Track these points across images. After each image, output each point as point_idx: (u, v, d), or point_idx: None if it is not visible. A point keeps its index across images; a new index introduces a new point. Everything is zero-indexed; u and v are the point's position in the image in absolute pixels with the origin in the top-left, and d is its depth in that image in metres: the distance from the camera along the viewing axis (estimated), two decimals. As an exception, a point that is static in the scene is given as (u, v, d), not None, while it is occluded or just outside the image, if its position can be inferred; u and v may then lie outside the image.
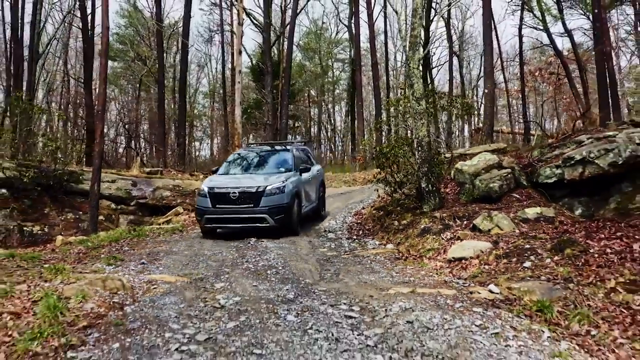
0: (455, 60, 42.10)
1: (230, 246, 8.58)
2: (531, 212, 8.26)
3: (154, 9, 31.26)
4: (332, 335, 4.34)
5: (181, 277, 6.19)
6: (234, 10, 32.44)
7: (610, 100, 14.60)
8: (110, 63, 35.12)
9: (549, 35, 30.71)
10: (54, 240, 11.33)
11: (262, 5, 29.57)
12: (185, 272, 6.47)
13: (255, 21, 28.57)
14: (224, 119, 37.73)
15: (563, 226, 7.86)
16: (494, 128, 17.70)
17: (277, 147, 11.69)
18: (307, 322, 4.63)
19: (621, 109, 15.96)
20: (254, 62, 32.38)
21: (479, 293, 5.71)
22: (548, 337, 4.66)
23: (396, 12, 10.01)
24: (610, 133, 8.96)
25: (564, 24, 29.80)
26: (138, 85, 26.38)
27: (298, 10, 28.33)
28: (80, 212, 13.19)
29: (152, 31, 35.03)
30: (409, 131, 11.33)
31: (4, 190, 13.01)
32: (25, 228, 12.77)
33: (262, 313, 4.86)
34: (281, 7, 35.00)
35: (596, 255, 6.55)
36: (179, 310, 4.92)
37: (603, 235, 7.25)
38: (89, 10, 21.87)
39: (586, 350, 4.49)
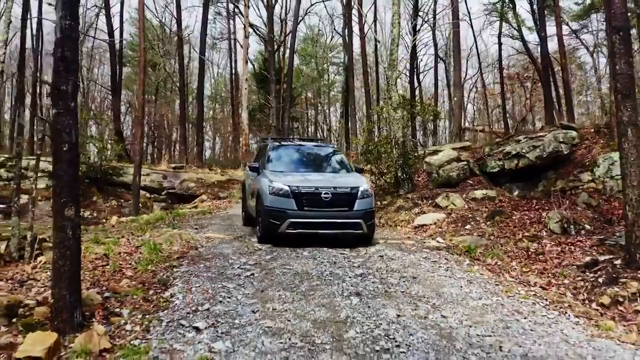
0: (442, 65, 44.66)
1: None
2: (479, 193, 10.83)
3: (163, 18, 33.66)
4: (332, 260, 6.89)
5: (227, 235, 8.71)
6: (237, 20, 34.90)
7: (557, 106, 17.07)
8: (124, 69, 37.47)
9: (524, 43, 33.32)
10: (104, 222, 13.79)
11: (262, 16, 32.07)
12: (228, 233, 8.99)
13: (258, 32, 31.01)
14: (226, 120, 40.23)
15: (500, 203, 10.45)
16: (464, 128, 20.20)
17: (317, 144, 10.38)
18: (315, 256, 7.16)
19: (574, 110, 18.46)
20: (256, 68, 34.79)
21: (430, 243, 8.28)
22: (467, 263, 7.24)
23: (377, 41, 12.50)
24: (541, 134, 11.54)
25: (538, 34, 32.42)
26: (155, 90, 28.72)
27: (298, 20, 30.77)
28: (122, 200, 15.64)
29: (161, 39, 37.39)
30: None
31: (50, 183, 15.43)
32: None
33: (287, 252, 7.40)
34: (280, 17, 37.48)
35: (515, 220, 9.14)
36: (233, 250, 7.46)
37: (525, 208, 9.84)
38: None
39: (490, 270, 7.06)
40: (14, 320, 5.39)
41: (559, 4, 19.31)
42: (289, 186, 7.65)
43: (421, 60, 44.77)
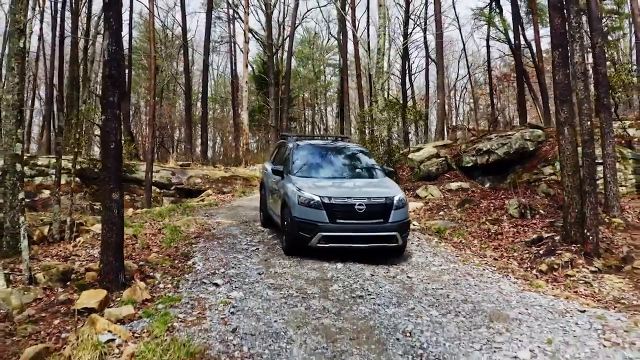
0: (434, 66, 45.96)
1: (256, 206, 12.37)
2: (454, 185, 12.15)
3: (165, 21, 34.88)
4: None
5: (234, 221, 10.00)
6: (237, 24, 36.11)
7: (537, 106, 18.41)
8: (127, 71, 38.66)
9: (511, 46, 34.65)
10: (120, 214, 15.03)
11: (261, 20, 33.31)
12: (235, 219, 10.28)
13: (257, 37, 32.25)
14: (226, 120, 41.51)
15: (472, 193, 11.76)
16: (454, 127, 21.55)
17: (343, 143, 9.46)
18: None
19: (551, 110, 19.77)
20: (256, 71, 36.05)
21: (407, 226, 9.57)
22: (436, 241, 8.55)
23: (366, 50, 13.78)
24: (510, 133, 12.86)
25: (524, 37, 33.76)
26: (161, 92, 29.92)
27: (295, 25, 32.01)
28: (135, 195, 16.92)
29: (164, 42, 38.61)
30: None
31: (77, 179, 16.71)
32: (94, 206, 16.48)
33: (285, 233, 8.68)
34: (278, 21, 38.72)
35: (482, 207, 10.46)
36: (241, 232, 8.76)
37: (492, 197, 11.16)
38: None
39: (454, 247, 8.37)
40: (68, 283, 6.70)
41: (536, 12, 20.62)
42: (319, 197, 6.95)
43: (413, 62, 46.12)
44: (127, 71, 24.54)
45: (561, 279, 6.97)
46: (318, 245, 6.89)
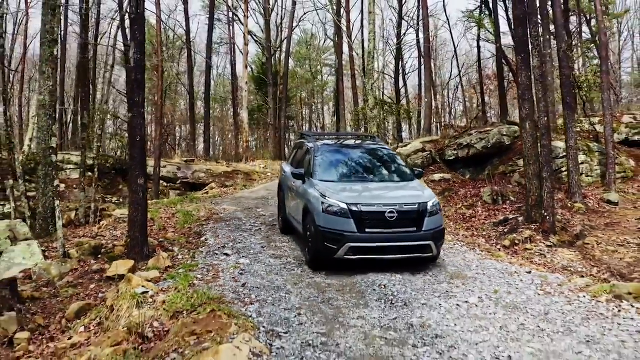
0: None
1: (257, 196, 13.45)
2: (437, 176, 13.23)
3: (167, 23, 35.90)
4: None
5: (238, 208, 11.07)
6: (236, 27, 37.12)
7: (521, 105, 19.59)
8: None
9: (501, 48, 35.83)
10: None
11: (260, 23, 34.36)
12: (239, 206, 11.33)
13: (256, 39, 33.29)
14: (225, 118, 42.57)
15: (453, 183, 12.85)
16: (446, 124, 22.59)
17: (367, 142, 8.87)
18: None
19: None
20: (255, 72, 37.08)
21: (392, 211, 10.66)
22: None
23: (357, 54, 14.83)
24: (489, 129, 13.95)
25: (513, 39, 34.87)
26: (165, 92, 30.95)
27: (292, 28, 33.02)
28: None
29: (165, 43, 39.62)
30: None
31: (90, 174, 17.75)
32: (106, 199, 17.53)
33: (284, 217, 9.76)
34: (276, 23, 39.75)
35: (460, 195, 11.56)
36: (245, 216, 9.83)
37: (470, 187, 12.25)
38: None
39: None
40: (99, 256, 7.78)
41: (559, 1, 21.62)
42: (346, 204, 6.30)
43: (407, 62, 47.25)
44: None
45: (520, 252, 8.08)
46: (345, 257, 6.23)
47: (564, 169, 11.50)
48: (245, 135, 27.95)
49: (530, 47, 8.92)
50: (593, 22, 22.89)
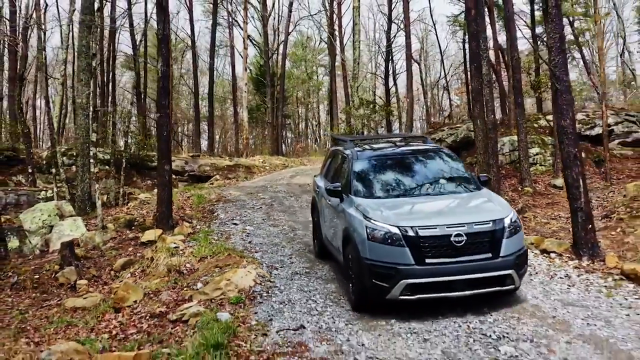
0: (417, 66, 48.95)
1: (257, 185, 15.24)
2: (413, 166, 15.06)
3: (170, 25, 37.60)
4: (308, 201, 11.13)
5: (242, 193, 12.85)
6: (236, 32, 38.84)
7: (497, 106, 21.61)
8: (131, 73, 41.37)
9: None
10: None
11: (258, 27, 36.14)
12: (243, 192, 13.11)
13: (254, 42, 35.06)
14: (225, 117, 44.38)
15: (426, 172, 14.66)
16: (435, 122, 24.49)
17: (416, 144, 6.89)
18: (297, 199, 11.33)
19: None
20: (253, 73, 38.85)
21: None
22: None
23: (343, 61, 16.61)
24: (459, 125, 15.79)
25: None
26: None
27: (289, 32, 34.77)
28: (155, 180, 19.73)
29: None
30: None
31: (107, 167, 19.51)
32: (122, 189, 19.30)
33: (280, 199, 11.56)
34: (274, 27, 41.52)
35: (430, 181, 13.37)
36: (249, 199, 11.63)
37: (440, 175, 14.07)
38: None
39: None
40: (132, 227, 9.57)
41: (513, 19, 23.52)
42: (398, 227, 4.88)
43: (396, 63, 49.02)
44: (142, 74, 27.29)
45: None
46: (401, 297, 4.83)
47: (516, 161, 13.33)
48: (245, 132, 29.74)
49: (480, 58, 10.72)
50: (576, 24, 25.09)
